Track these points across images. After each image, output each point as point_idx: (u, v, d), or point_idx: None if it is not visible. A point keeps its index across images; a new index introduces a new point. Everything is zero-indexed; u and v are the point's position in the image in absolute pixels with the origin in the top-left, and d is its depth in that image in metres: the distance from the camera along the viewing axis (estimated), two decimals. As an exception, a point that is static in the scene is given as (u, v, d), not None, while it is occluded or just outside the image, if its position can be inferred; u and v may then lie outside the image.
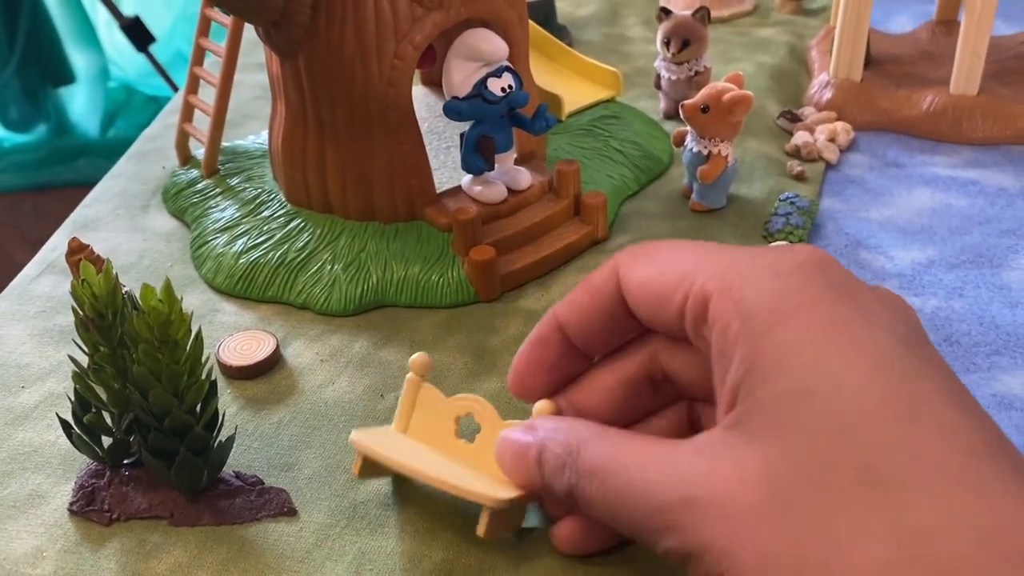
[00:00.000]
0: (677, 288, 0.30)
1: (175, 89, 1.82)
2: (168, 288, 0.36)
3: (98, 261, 0.44)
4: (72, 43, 2.15)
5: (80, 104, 2.20)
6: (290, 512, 0.39)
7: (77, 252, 0.44)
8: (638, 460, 0.29)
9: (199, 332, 0.37)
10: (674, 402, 0.36)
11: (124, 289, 0.39)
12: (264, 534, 0.38)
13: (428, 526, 0.38)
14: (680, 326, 0.31)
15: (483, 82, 0.49)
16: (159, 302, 0.36)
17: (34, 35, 2.08)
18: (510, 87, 0.49)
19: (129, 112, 2.23)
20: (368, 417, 0.43)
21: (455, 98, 0.50)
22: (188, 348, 0.37)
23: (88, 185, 0.62)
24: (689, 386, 0.35)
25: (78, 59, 2.16)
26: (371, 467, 0.38)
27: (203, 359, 0.38)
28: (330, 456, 0.42)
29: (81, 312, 0.37)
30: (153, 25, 1.82)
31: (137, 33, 1.79)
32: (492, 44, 0.49)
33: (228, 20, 0.56)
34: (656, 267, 0.32)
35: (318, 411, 0.44)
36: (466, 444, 0.38)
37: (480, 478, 0.35)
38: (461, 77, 0.49)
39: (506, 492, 0.34)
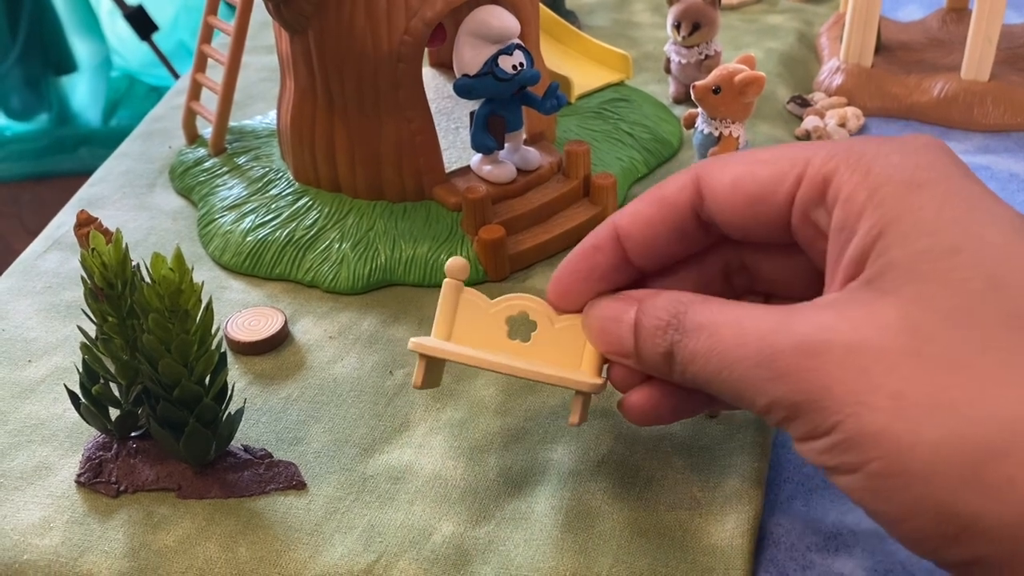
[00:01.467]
0: (785, 176, 0.29)
1: (177, 79, 1.81)
2: (179, 257, 0.36)
3: (107, 233, 0.44)
4: (74, 31, 2.14)
5: (82, 93, 2.20)
6: (299, 485, 0.39)
7: (85, 224, 0.44)
8: (753, 314, 0.28)
9: (210, 302, 0.37)
10: (746, 295, 0.36)
11: (133, 262, 0.39)
12: (273, 507, 0.38)
13: (437, 499, 0.38)
14: (780, 222, 0.30)
15: (494, 59, 0.48)
16: (170, 271, 0.35)
17: (36, 23, 2.08)
18: (521, 65, 0.49)
19: (131, 102, 2.22)
20: (377, 393, 0.43)
21: (465, 76, 0.49)
22: (198, 318, 0.37)
23: (89, 175, 0.61)
24: (779, 286, 0.34)
25: (80, 48, 2.16)
26: (433, 374, 0.36)
27: (213, 330, 0.37)
28: (339, 431, 0.41)
29: (90, 282, 0.37)
30: (156, 15, 1.82)
31: (140, 21, 1.79)
32: (503, 21, 0.49)
33: (237, -2, 0.56)
34: (750, 166, 0.30)
35: (326, 387, 0.44)
36: (521, 344, 0.35)
37: (557, 367, 0.34)
38: (472, 55, 0.49)
39: (594, 377, 0.34)
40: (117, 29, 2.12)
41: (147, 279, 0.37)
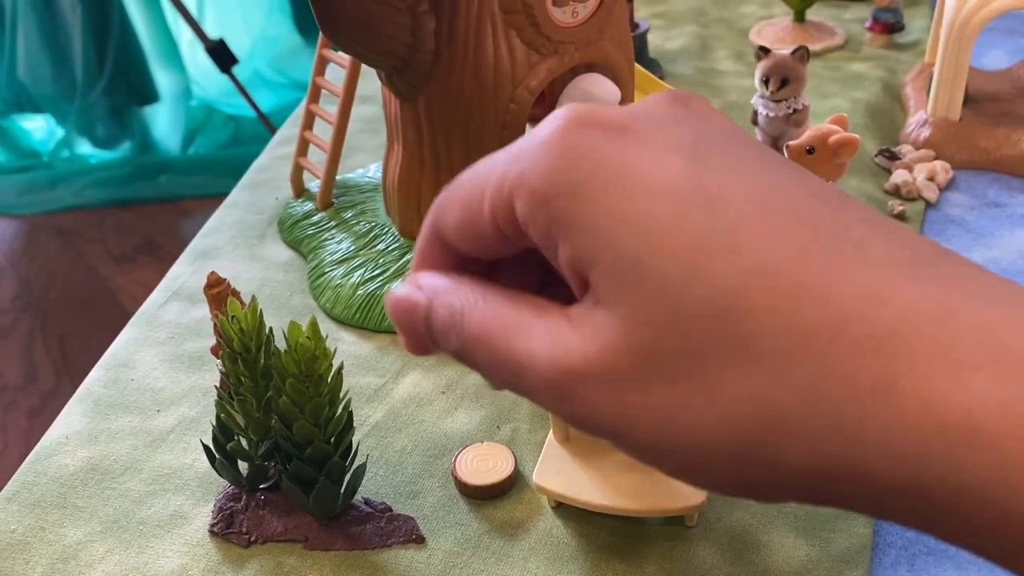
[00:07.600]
0: (479, 209, 0.28)
1: (255, 109, 1.87)
2: (314, 325, 0.38)
3: (235, 294, 0.47)
4: (157, 63, 2.22)
5: (163, 122, 2.28)
6: (419, 539, 0.41)
7: (215, 286, 0.46)
8: (519, 325, 0.28)
9: (340, 367, 0.40)
10: None
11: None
12: (395, 560, 0.40)
13: (551, 558, 0.40)
14: (512, 243, 0.29)
15: (596, 125, 0.50)
16: (307, 339, 0.38)
17: (122, 55, 2.16)
18: (622, 130, 0.51)
19: (208, 130, 2.30)
20: (487, 448, 0.45)
21: (567, 140, 0.51)
22: (330, 382, 0.39)
23: (168, 201, 0.65)
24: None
25: (162, 78, 2.24)
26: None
27: (341, 393, 0.40)
28: (453, 485, 0.43)
29: (229, 347, 0.40)
30: (232, 43, 1.88)
31: (221, 55, 1.85)
32: (604, 88, 0.51)
33: (346, 60, 0.59)
34: (458, 206, 0.29)
35: (438, 441, 0.46)
36: None
37: (662, 501, 0.39)
38: (574, 120, 0.51)
39: (697, 496, 0.39)
40: (197, 60, 2.19)
41: (281, 343, 0.40)
